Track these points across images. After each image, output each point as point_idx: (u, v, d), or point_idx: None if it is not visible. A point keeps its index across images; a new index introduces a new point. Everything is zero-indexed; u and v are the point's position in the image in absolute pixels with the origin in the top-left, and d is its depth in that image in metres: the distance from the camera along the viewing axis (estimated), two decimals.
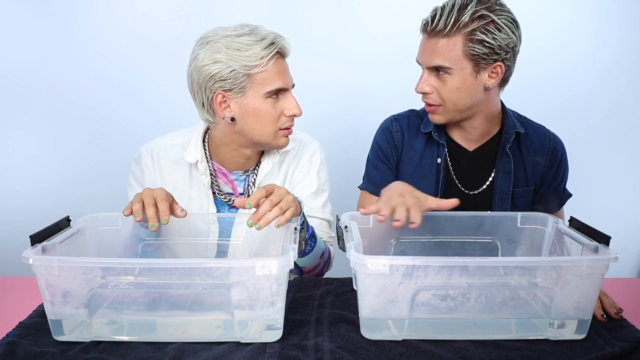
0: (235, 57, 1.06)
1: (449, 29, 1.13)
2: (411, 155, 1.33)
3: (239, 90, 1.09)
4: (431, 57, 1.17)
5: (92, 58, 1.96)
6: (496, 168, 1.29)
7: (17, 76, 1.97)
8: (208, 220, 1.17)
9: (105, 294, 0.88)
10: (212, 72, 1.08)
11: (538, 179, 1.31)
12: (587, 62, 2.04)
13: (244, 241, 1.16)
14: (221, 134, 1.18)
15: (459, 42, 1.14)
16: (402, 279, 0.84)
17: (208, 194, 1.22)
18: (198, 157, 1.19)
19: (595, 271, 0.85)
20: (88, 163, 2.04)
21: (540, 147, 1.30)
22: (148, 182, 1.23)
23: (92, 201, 2.00)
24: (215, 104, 1.11)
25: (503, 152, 1.28)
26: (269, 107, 1.11)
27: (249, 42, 1.07)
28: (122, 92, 1.98)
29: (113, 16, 1.94)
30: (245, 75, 1.08)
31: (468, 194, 1.31)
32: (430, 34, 1.16)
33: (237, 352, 0.85)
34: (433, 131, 1.30)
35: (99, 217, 1.07)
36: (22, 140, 2.04)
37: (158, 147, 1.24)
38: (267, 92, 1.10)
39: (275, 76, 1.10)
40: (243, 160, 1.21)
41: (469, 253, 1.11)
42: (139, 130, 1.90)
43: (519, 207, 1.30)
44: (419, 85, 1.21)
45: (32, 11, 1.94)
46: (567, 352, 0.86)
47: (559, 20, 2.00)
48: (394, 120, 1.37)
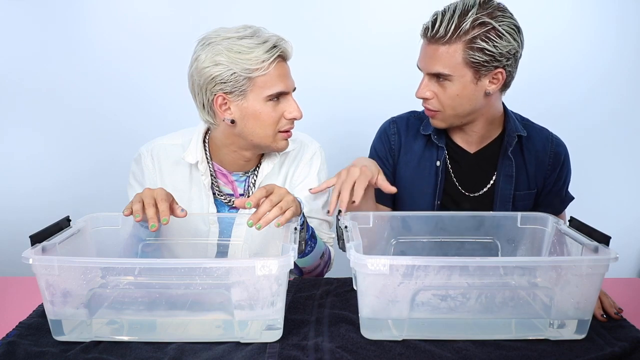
0: (236, 60, 1.06)
1: (449, 36, 1.11)
2: (409, 157, 1.32)
3: (239, 93, 1.09)
4: (431, 64, 1.15)
5: (92, 58, 1.96)
6: (497, 171, 1.28)
7: (17, 76, 1.97)
8: (208, 221, 1.17)
9: (105, 294, 0.88)
10: (212, 74, 1.07)
11: (540, 182, 1.30)
12: (586, 62, 2.04)
13: (244, 241, 1.16)
14: (221, 136, 1.18)
15: (459, 50, 1.12)
16: (402, 279, 0.84)
17: (208, 195, 1.21)
18: (198, 158, 1.19)
19: (595, 271, 0.84)
20: (88, 163, 2.04)
21: (542, 150, 1.29)
22: (148, 182, 1.22)
23: (92, 201, 2.00)
24: (215, 106, 1.11)
25: (505, 156, 1.27)
26: (269, 110, 1.11)
27: (250, 44, 1.07)
28: (122, 92, 1.98)
29: (113, 16, 1.94)
30: (246, 79, 1.08)
31: (469, 196, 1.30)
32: (431, 40, 1.14)
33: (237, 352, 0.85)
34: (433, 134, 1.29)
35: (99, 217, 1.07)
36: (22, 140, 2.04)
37: (158, 147, 1.24)
38: (267, 96, 1.10)
39: (276, 80, 1.10)
40: (243, 162, 1.21)
41: (469, 253, 1.11)
42: (139, 130, 1.90)
43: (520, 210, 1.28)
44: (419, 91, 1.20)
45: (32, 11, 1.94)
46: (567, 352, 0.86)
47: (559, 20, 2.00)
48: (391, 123, 1.36)
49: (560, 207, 1.34)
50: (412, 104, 1.39)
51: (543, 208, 1.30)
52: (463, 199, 1.30)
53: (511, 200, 1.28)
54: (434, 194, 1.29)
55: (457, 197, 1.30)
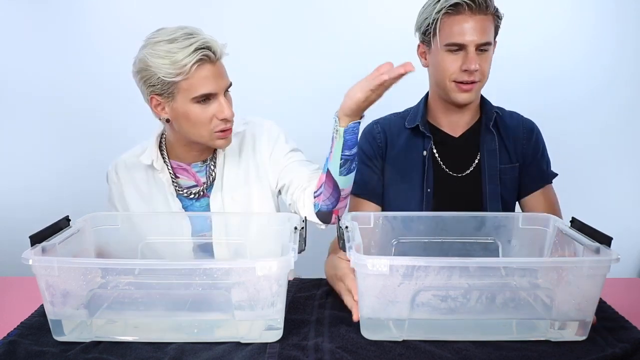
0: (159, 65, 1.06)
1: (489, 5, 1.20)
2: (397, 152, 1.36)
3: (167, 95, 1.10)
4: (482, 34, 1.20)
5: (90, 57, 1.97)
6: (481, 148, 1.33)
7: (16, 76, 1.97)
8: (178, 217, 1.19)
9: (105, 294, 0.88)
10: (143, 77, 1.09)
11: (520, 157, 1.35)
12: (587, 63, 2.04)
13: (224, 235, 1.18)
14: (170, 132, 1.22)
15: (492, 18, 1.22)
16: (402, 279, 0.84)
17: (171, 191, 1.23)
18: (153, 157, 1.22)
19: (597, 272, 0.84)
20: (89, 163, 2.04)
21: (516, 127, 1.36)
22: (115, 197, 1.27)
23: (92, 201, 2.00)
24: (151, 105, 1.14)
25: (487, 131, 1.33)
26: (198, 112, 1.10)
27: (172, 49, 1.06)
28: (122, 92, 1.97)
29: (114, 16, 1.95)
30: (171, 82, 1.08)
31: (457, 177, 1.33)
32: (475, 11, 1.19)
33: (237, 352, 0.85)
34: (420, 124, 1.33)
35: (99, 216, 1.08)
36: (22, 140, 2.04)
37: (119, 162, 1.28)
38: (193, 98, 1.09)
39: (201, 82, 1.08)
40: (196, 153, 1.23)
41: (470, 254, 1.11)
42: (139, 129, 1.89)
43: (508, 184, 1.33)
44: (472, 63, 1.20)
45: (32, 11, 1.94)
46: (567, 353, 0.85)
47: (559, 20, 2.00)
48: (374, 124, 1.40)
49: (543, 180, 1.36)
50: (411, 103, 1.39)
51: (528, 182, 1.35)
52: (452, 180, 1.33)
53: (498, 174, 1.33)
54: (422, 182, 1.32)
55: (447, 180, 1.33)
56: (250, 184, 1.26)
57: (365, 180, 1.34)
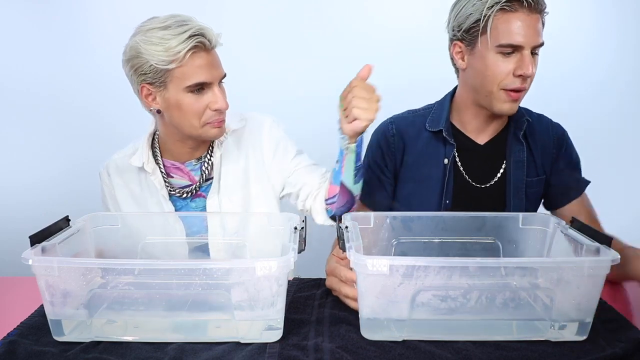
0: (152, 52, 1.04)
1: (545, 4, 1.10)
2: (414, 158, 1.29)
3: (160, 84, 1.08)
4: (537, 35, 1.09)
5: (90, 57, 1.97)
6: (507, 159, 1.25)
7: (15, 75, 1.97)
8: (171, 219, 1.17)
9: (105, 294, 0.88)
10: (134, 65, 1.07)
11: (548, 169, 1.27)
12: (588, 62, 2.04)
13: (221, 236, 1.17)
14: (162, 127, 1.18)
15: (541, 18, 1.10)
16: (402, 279, 0.84)
17: (163, 193, 1.21)
18: (144, 159, 1.19)
19: (597, 272, 0.84)
20: (89, 162, 2.03)
21: (546, 135, 1.27)
22: (108, 198, 1.26)
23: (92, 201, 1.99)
24: (142, 95, 1.11)
25: (516, 140, 1.24)
26: (191, 101, 1.08)
27: (167, 36, 1.04)
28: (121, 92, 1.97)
29: (114, 16, 1.95)
30: (164, 70, 1.06)
31: (479, 187, 1.26)
32: (532, 9, 1.07)
33: (237, 352, 0.85)
34: (444, 129, 1.24)
35: (99, 216, 1.07)
36: (22, 140, 2.04)
37: (111, 163, 1.26)
38: (186, 87, 1.07)
39: (195, 70, 1.06)
40: (189, 150, 1.20)
41: (470, 254, 1.10)
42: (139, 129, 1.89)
43: (531, 198, 1.26)
44: (529, 69, 1.09)
45: (32, 11, 1.94)
46: (567, 353, 0.85)
47: (558, 20, 1.99)
48: (390, 124, 1.31)
49: (578, 190, 1.29)
50: (412, 104, 1.38)
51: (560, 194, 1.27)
52: (473, 191, 1.26)
53: (524, 187, 1.24)
54: (441, 191, 1.25)
55: (468, 191, 1.26)
56: (249, 186, 1.24)
57: (372, 192, 1.28)
